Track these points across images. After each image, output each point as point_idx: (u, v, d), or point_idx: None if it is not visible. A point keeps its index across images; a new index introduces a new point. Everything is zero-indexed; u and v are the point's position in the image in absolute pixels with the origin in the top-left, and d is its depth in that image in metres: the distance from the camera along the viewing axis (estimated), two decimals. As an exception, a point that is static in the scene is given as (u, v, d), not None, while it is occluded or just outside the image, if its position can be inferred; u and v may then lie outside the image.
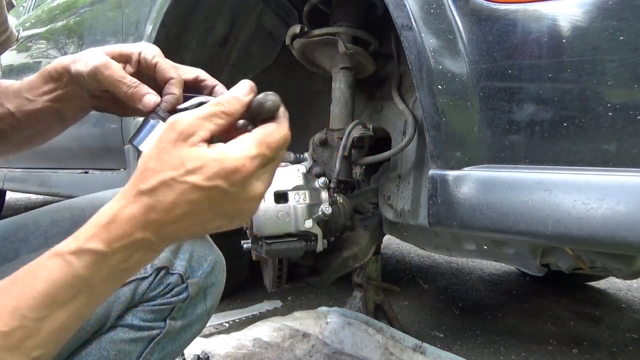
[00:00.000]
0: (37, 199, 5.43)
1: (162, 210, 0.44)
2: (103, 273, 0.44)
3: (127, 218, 0.44)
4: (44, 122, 0.71)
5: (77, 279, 0.43)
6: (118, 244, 0.44)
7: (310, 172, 1.02)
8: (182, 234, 0.47)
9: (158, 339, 0.66)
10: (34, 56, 2.46)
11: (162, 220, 0.44)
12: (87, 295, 0.44)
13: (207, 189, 0.44)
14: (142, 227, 0.44)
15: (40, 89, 0.67)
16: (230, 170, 0.44)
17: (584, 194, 0.67)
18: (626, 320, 1.91)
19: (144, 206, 0.44)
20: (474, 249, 1.15)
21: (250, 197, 0.47)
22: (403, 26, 0.84)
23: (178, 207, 0.44)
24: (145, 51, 0.62)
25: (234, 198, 0.45)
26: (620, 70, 0.65)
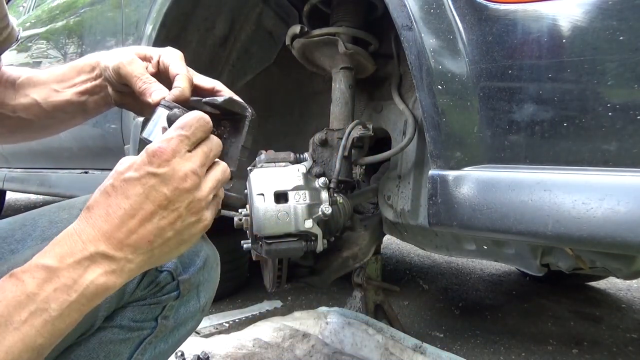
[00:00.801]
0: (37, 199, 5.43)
1: (106, 215, 0.46)
2: (57, 294, 0.42)
3: (77, 232, 0.45)
4: (68, 113, 0.73)
5: (29, 297, 0.41)
6: (70, 259, 0.43)
7: (310, 172, 1.02)
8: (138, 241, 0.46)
9: (149, 339, 0.65)
10: (34, 56, 2.46)
11: (110, 226, 0.45)
12: (41, 319, 0.41)
13: (140, 178, 0.47)
14: (93, 239, 0.45)
15: (71, 81, 0.70)
16: (151, 154, 0.47)
17: (584, 194, 0.67)
18: (626, 320, 1.91)
19: (91, 217, 0.46)
20: (474, 249, 1.15)
21: (182, 175, 0.48)
22: (403, 26, 0.84)
23: (119, 206, 0.46)
24: (164, 54, 0.66)
25: (166, 179, 0.47)
26: (620, 70, 0.65)
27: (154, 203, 0.47)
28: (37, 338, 0.41)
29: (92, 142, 1.98)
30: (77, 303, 0.43)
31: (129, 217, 0.46)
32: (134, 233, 0.46)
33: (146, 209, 0.46)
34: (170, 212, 0.48)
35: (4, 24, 0.67)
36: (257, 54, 1.56)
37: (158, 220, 0.47)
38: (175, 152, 0.48)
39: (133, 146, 1.57)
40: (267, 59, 1.58)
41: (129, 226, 0.46)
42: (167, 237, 0.48)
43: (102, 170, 1.98)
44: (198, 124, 0.51)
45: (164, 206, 0.47)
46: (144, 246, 0.47)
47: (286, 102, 1.73)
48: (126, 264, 0.46)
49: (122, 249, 0.45)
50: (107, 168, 1.92)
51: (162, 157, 0.47)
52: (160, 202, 0.47)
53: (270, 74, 1.66)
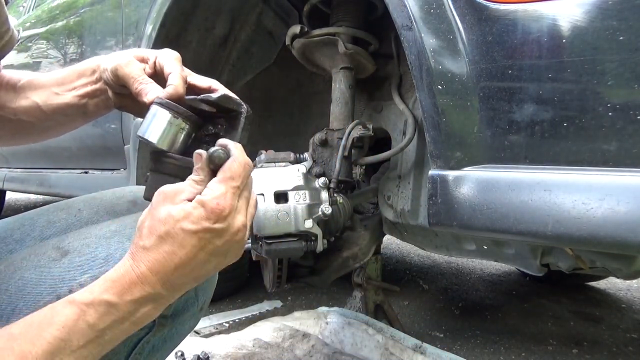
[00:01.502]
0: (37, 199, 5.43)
1: (162, 260, 0.50)
2: (114, 324, 0.48)
3: (137, 273, 0.50)
4: (69, 116, 0.75)
5: (90, 327, 0.47)
6: (129, 297, 0.49)
7: (310, 172, 1.02)
8: (186, 281, 0.53)
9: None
10: (34, 56, 2.46)
11: (165, 271, 0.51)
12: (96, 344, 0.47)
13: (197, 232, 0.51)
14: (151, 282, 0.50)
15: (71, 84, 0.71)
16: (210, 210, 0.51)
17: (584, 194, 0.67)
18: (626, 320, 1.91)
19: (147, 260, 0.50)
20: (474, 249, 1.15)
21: (236, 229, 0.54)
22: (403, 26, 0.84)
23: (176, 254, 0.51)
24: (160, 55, 0.67)
25: (221, 233, 0.52)
26: (620, 70, 0.65)
27: (207, 253, 0.52)
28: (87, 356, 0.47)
29: (92, 142, 1.98)
30: (127, 330, 0.50)
31: (184, 265, 0.51)
32: (183, 276, 0.52)
33: (198, 258, 0.52)
34: (217, 256, 0.54)
35: (5, 28, 0.67)
36: (257, 54, 1.56)
37: (207, 265, 0.53)
38: (232, 208, 0.53)
39: (133, 146, 1.57)
40: (267, 59, 1.58)
41: (182, 272, 0.51)
42: (208, 271, 0.55)
43: (102, 171, 1.98)
44: (245, 173, 0.55)
45: (215, 254, 0.53)
46: (189, 285, 0.54)
47: (286, 102, 1.73)
48: (171, 298, 0.53)
49: (173, 291, 0.52)
50: (107, 168, 1.92)
51: (221, 214, 0.52)
52: (212, 251, 0.53)
53: (270, 74, 1.66)
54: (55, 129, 0.79)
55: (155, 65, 0.66)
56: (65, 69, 0.73)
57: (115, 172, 1.85)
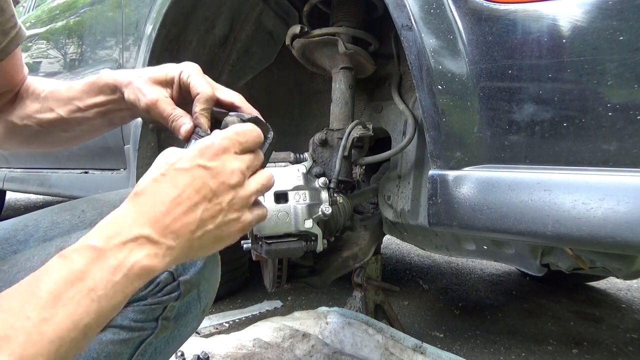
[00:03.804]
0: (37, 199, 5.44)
1: (153, 201, 0.48)
2: (102, 273, 0.44)
3: (124, 216, 0.47)
4: (94, 126, 0.77)
5: (77, 275, 0.43)
6: (116, 239, 0.45)
7: (310, 172, 1.02)
8: (181, 228, 0.48)
9: (150, 339, 0.65)
10: (34, 56, 2.46)
11: (156, 211, 0.48)
12: (88, 298, 0.43)
13: (190, 170, 0.50)
14: (138, 223, 0.47)
15: (92, 99, 0.72)
16: (204, 147, 0.51)
17: (584, 194, 0.67)
18: (626, 320, 1.91)
19: (139, 203, 0.48)
20: (474, 249, 1.15)
21: (230, 171, 0.52)
22: (403, 26, 0.84)
23: (168, 194, 0.48)
24: (184, 71, 0.67)
25: (214, 172, 0.51)
26: (620, 70, 0.65)
27: (199, 194, 0.50)
28: (84, 317, 0.42)
29: (92, 142, 1.97)
30: (120, 284, 0.44)
31: (175, 204, 0.48)
32: (177, 221, 0.48)
33: (192, 199, 0.49)
34: (213, 205, 0.50)
35: (12, 24, 0.68)
36: (257, 54, 1.56)
37: (201, 211, 0.50)
38: (226, 150, 0.52)
39: (133, 146, 1.57)
40: (267, 59, 1.58)
41: (174, 214, 0.48)
42: (207, 229, 0.50)
43: (102, 171, 1.98)
44: (251, 135, 0.55)
45: (208, 198, 0.50)
46: (186, 235, 0.49)
47: (286, 102, 1.73)
48: (167, 250, 0.48)
49: (165, 235, 0.47)
50: (107, 168, 1.92)
51: (213, 151, 0.51)
52: (205, 194, 0.50)
53: (270, 74, 1.66)
54: (82, 138, 0.81)
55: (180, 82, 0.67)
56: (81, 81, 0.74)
57: (115, 172, 1.85)
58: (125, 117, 0.75)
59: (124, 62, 1.67)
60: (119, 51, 1.70)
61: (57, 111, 0.74)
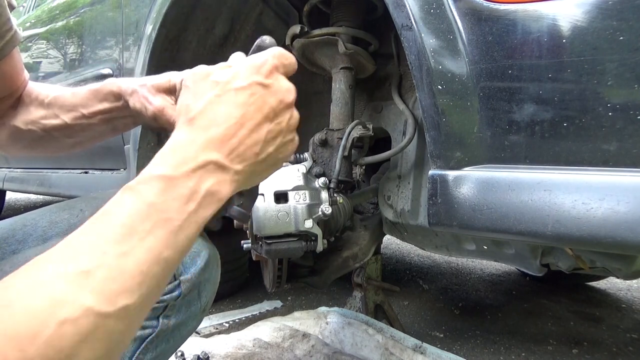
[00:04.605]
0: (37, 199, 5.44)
1: (217, 124, 0.45)
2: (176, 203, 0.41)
3: (187, 142, 0.44)
4: (98, 133, 0.77)
5: (151, 207, 0.40)
6: (185, 167, 0.42)
7: (310, 172, 1.02)
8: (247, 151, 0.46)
9: (151, 338, 0.65)
10: (34, 56, 2.46)
11: (221, 134, 0.45)
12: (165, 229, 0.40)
13: (248, 87, 0.46)
14: (204, 147, 0.44)
15: (96, 107, 0.73)
16: (259, 64, 0.48)
17: (584, 194, 0.67)
18: (626, 320, 1.91)
19: (199, 127, 0.45)
20: (474, 249, 1.15)
21: (286, 89, 0.49)
22: (403, 26, 0.84)
23: (230, 115, 0.45)
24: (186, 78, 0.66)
25: (273, 90, 0.48)
26: (620, 70, 0.65)
27: (262, 113, 0.47)
28: (163, 250, 0.39)
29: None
30: (195, 214, 0.42)
31: (239, 126, 0.45)
32: (243, 143, 0.45)
33: (255, 119, 0.46)
34: (275, 125, 0.48)
35: (7, 27, 0.69)
36: (257, 54, 1.56)
37: (265, 132, 0.47)
38: (278, 68, 0.49)
39: (133, 146, 1.57)
40: (267, 59, 1.58)
41: (239, 136, 0.45)
42: (269, 151, 0.48)
43: (102, 171, 1.98)
44: (293, 60, 0.52)
45: (270, 118, 0.48)
46: (251, 158, 0.46)
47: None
48: (234, 174, 0.45)
49: (232, 159, 0.45)
50: (107, 168, 1.92)
51: (269, 68, 0.48)
52: (267, 113, 0.47)
53: (270, 74, 1.66)
54: (85, 144, 0.81)
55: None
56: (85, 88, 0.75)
57: (115, 172, 1.85)
58: (128, 123, 0.75)
59: (124, 62, 1.67)
60: (119, 51, 1.70)
61: (61, 117, 0.74)
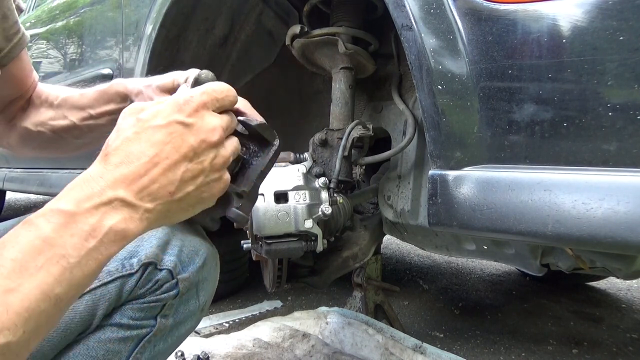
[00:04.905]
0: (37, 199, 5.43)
1: (128, 161, 0.44)
2: (74, 239, 0.39)
3: (96, 177, 0.43)
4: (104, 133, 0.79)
5: (45, 242, 0.39)
6: (88, 203, 0.41)
7: (310, 172, 1.02)
8: (159, 190, 0.45)
9: (149, 338, 0.65)
10: (34, 56, 2.46)
11: (131, 172, 0.43)
12: (58, 266, 0.38)
13: (167, 125, 0.45)
14: (111, 185, 0.43)
15: (103, 107, 0.74)
16: (182, 102, 0.47)
17: (584, 194, 0.67)
18: (626, 320, 1.91)
19: (111, 164, 0.44)
20: (474, 249, 1.15)
21: (211, 127, 0.48)
22: (403, 26, 0.84)
23: (143, 153, 0.44)
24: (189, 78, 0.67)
25: (194, 129, 0.47)
26: (620, 70, 0.65)
27: (179, 153, 0.45)
28: (54, 287, 0.38)
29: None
30: (95, 251, 0.41)
31: (153, 165, 0.44)
32: (155, 182, 0.44)
33: (171, 158, 0.45)
34: (195, 164, 0.47)
35: (15, 30, 0.70)
36: (257, 53, 1.56)
37: (182, 171, 0.46)
38: (205, 106, 0.48)
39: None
40: (267, 59, 1.58)
41: (151, 175, 0.44)
42: (187, 190, 0.47)
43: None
44: (228, 93, 0.51)
45: (189, 157, 0.46)
46: (164, 197, 0.45)
47: (286, 102, 1.73)
48: (144, 213, 0.44)
49: (141, 197, 0.43)
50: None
51: (193, 106, 0.47)
52: (186, 152, 0.46)
53: (270, 74, 1.66)
54: (92, 144, 0.81)
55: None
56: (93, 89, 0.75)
57: (115, 172, 1.85)
58: None
59: (124, 62, 1.67)
60: (119, 51, 1.70)
61: (70, 118, 0.75)
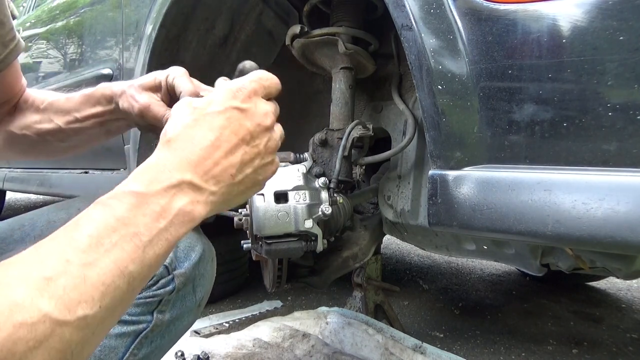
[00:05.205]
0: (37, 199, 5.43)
1: (192, 146, 0.46)
2: (146, 219, 0.41)
3: (162, 161, 0.45)
4: (91, 136, 0.79)
5: (119, 221, 0.40)
6: (158, 185, 0.43)
7: (310, 172, 1.02)
8: (222, 173, 0.47)
9: (145, 333, 0.65)
10: (34, 56, 2.46)
11: (196, 155, 0.46)
12: (132, 244, 0.40)
13: (224, 111, 0.48)
14: (179, 168, 0.45)
15: (89, 110, 0.75)
16: (235, 89, 0.50)
17: (584, 194, 0.67)
18: (626, 320, 1.91)
19: (175, 149, 0.46)
20: (474, 249, 1.15)
21: (263, 112, 0.51)
22: (403, 26, 0.84)
23: (205, 138, 0.47)
24: (170, 74, 0.70)
25: (249, 114, 0.49)
26: (620, 70, 0.65)
27: (237, 136, 0.48)
28: (128, 264, 0.39)
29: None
30: (165, 231, 0.42)
31: (215, 148, 0.46)
32: (218, 165, 0.47)
33: (231, 142, 0.48)
34: (252, 147, 0.49)
35: (11, 36, 0.70)
36: (257, 53, 1.56)
37: (241, 154, 0.48)
38: (256, 92, 0.51)
39: (133, 146, 1.57)
40: (267, 59, 1.58)
41: (214, 158, 0.46)
42: (246, 173, 0.49)
43: (102, 170, 1.98)
44: (274, 81, 0.54)
45: (247, 141, 0.49)
46: (227, 179, 0.47)
47: (286, 102, 1.72)
48: (209, 196, 0.46)
49: (207, 180, 0.46)
50: (107, 168, 1.92)
51: (246, 93, 0.50)
52: (243, 136, 0.48)
53: (270, 74, 1.66)
54: (79, 147, 0.82)
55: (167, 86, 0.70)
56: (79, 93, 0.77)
57: (115, 172, 1.85)
58: (121, 126, 0.77)
59: (124, 62, 1.67)
60: (119, 51, 1.70)
61: (55, 122, 0.76)
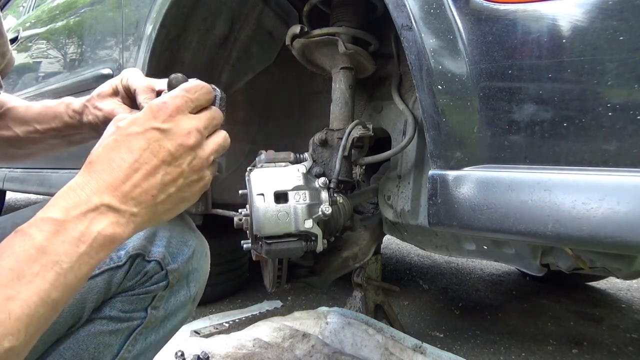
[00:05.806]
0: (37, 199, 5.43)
1: (110, 168, 0.46)
2: (65, 246, 0.42)
3: (82, 185, 0.45)
4: (51, 145, 0.79)
5: (39, 250, 0.41)
6: (76, 211, 0.43)
7: (310, 172, 1.02)
8: (142, 194, 0.47)
9: (140, 329, 0.65)
10: (33, 56, 2.46)
11: (114, 178, 0.46)
12: (54, 272, 0.41)
13: (144, 132, 0.47)
14: (96, 191, 0.45)
15: (49, 124, 0.76)
16: (156, 109, 0.49)
17: (584, 194, 0.67)
18: (626, 320, 1.91)
19: (94, 171, 0.46)
20: (474, 249, 1.15)
21: (186, 131, 0.49)
22: (403, 26, 0.84)
23: (123, 159, 0.47)
24: (123, 77, 0.71)
25: (170, 134, 0.48)
26: (620, 70, 0.65)
27: (157, 158, 0.48)
28: (51, 292, 0.40)
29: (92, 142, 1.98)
30: (86, 255, 0.43)
31: (133, 170, 0.46)
32: (137, 187, 0.46)
33: (150, 164, 0.47)
34: (174, 167, 0.49)
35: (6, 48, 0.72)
36: (257, 53, 1.56)
37: (162, 175, 0.48)
38: (180, 110, 0.50)
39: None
40: (267, 59, 1.58)
41: (132, 180, 0.46)
42: (169, 192, 0.49)
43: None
44: (201, 91, 0.52)
45: (167, 162, 0.48)
46: (148, 200, 0.47)
47: (286, 102, 1.73)
48: (131, 217, 0.46)
49: (126, 202, 0.46)
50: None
51: (167, 112, 0.49)
52: (164, 157, 0.48)
53: (270, 74, 1.66)
54: (38, 154, 0.82)
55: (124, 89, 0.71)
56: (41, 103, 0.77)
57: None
58: (85, 137, 0.78)
59: (124, 62, 1.67)
60: (119, 51, 1.70)
61: (13, 129, 0.76)
